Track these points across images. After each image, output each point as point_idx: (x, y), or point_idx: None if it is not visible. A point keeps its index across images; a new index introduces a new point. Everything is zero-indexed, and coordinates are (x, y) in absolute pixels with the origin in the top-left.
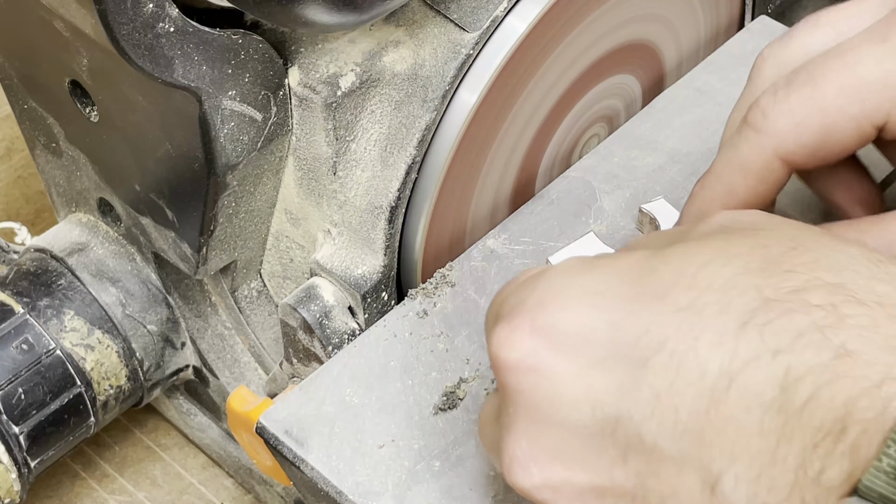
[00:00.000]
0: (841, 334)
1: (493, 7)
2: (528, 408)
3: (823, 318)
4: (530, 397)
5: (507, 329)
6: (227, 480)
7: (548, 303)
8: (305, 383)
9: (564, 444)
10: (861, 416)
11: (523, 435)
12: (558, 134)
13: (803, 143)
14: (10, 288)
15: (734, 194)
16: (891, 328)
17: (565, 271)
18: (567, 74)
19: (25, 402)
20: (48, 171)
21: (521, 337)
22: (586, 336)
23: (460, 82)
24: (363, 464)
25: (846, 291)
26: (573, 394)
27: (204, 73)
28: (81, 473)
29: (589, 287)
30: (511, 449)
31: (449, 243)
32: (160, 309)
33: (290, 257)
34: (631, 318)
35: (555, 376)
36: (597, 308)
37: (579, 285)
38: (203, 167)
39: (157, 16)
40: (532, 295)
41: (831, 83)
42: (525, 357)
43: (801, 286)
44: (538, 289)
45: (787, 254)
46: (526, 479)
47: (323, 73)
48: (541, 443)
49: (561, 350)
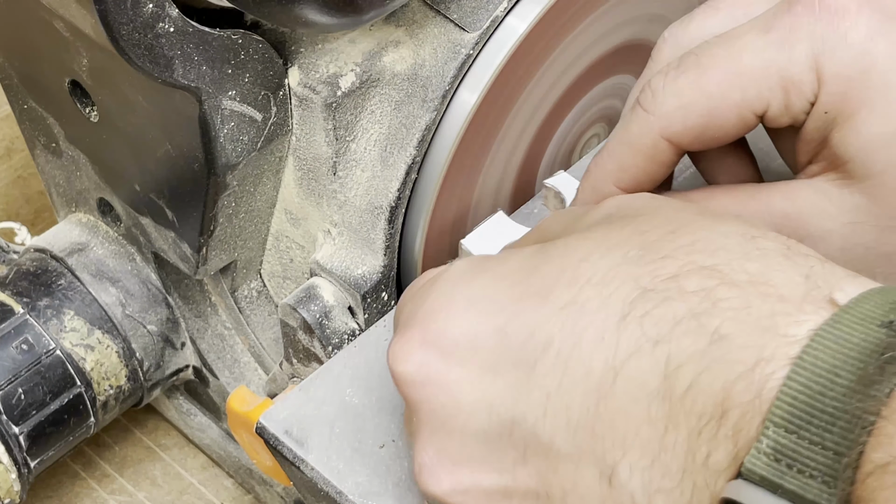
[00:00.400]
0: (715, 319)
1: (493, 7)
2: (429, 417)
3: (699, 304)
4: (429, 407)
5: (400, 342)
6: (227, 480)
7: (436, 312)
8: (305, 383)
9: (468, 450)
10: (739, 400)
11: (429, 443)
12: (558, 134)
13: (689, 126)
14: (9, 288)
15: (625, 171)
16: (763, 307)
17: (454, 278)
18: (567, 74)
19: (25, 403)
20: (48, 171)
21: (413, 349)
22: (475, 343)
23: (460, 82)
24: (363, 464)
25: (719, 274)
26: (469, 400)
27: (204, 73)
28: (81, 473)
29: (476, 293)
30: (419, 457)
31: (449, 243)
32: (160, 309)
33: (290, 257)
34: (516, 321)
35: (449, 385)
36: (484, 313)
37: (466, 292)
38: (203, 167)
39: (157, 16)
40: (422, 305)
41: (716, 69)
42: (419, 369)
43: (677, 272)
44: (428, 298)
45: (664, 238)
46: (435, 485)
47: (323, 73)
48: (446, 450)
49: (452, 359)
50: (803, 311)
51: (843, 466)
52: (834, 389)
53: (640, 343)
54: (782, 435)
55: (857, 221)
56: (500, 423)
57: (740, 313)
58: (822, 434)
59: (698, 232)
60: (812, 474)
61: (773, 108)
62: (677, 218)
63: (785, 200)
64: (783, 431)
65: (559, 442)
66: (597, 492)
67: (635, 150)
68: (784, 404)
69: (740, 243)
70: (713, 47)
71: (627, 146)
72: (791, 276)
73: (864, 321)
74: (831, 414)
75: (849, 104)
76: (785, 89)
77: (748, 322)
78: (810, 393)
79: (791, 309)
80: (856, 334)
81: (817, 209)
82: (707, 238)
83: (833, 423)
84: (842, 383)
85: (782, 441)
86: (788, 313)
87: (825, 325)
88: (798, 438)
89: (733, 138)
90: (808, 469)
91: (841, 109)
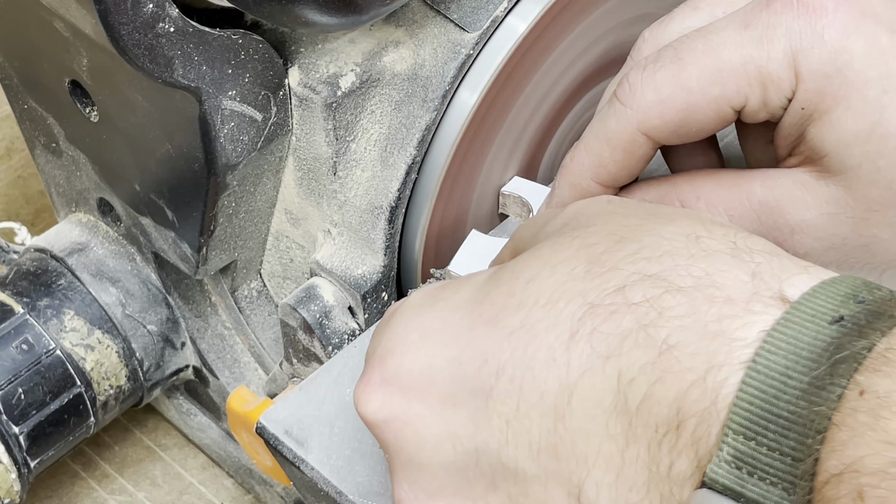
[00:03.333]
0: (663, 329)
1: (493, 7)
2: (398, 454)
3: (645, 315)
4: (395, 444)
5: (361, 384)
6: (227, 480)
7: (392, 349)
8: (305, 383)
9: (439, 482)
10: (694, 409)
11: (402, 478)
12: (558, 134)
13: (666, 120)
14: (10, 288)
15: (602, 166)
16: (710, 312)
17: (408, 312)
18: (567, 74)
19: (25, 402)
20: (48, 171)
21: (373, 389)
22: (431, 376)
23: (460, 82)
24: (363, 464)
25: (664, 281)
26: (432, 434)
27: (204, 73)
28: (81, 473)
29: (429, 325)
30: (396, 493)
31: (449, 244)
32: (160, 309)
33: (290, 257)
34: (469, 350)
35: (412, 421)
36: (438, 345)
37: (420, 325)
38: (203, 167)
39: (157, 16)
40: (380, 344)
41: (694, 63)
42: (380, 408)
43: (622, 283)
44: (384, 336)
45: (610, 249)
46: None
47: (323, 73)
48: (418, 483)
49: (411, 394)
50: (752, 311)
51: (801, 473)
52: (787, 392)
53: (591, 360)
54: (741, 442)
55: (834, 212)
56: (465, 454)
57: (687, 320)
58: (779, 440)
59: (643, 238)
60: (772, 481)
61: (751, 103)
62: (625, 225)
63: (764, 189)
64: (742, 438)
65: (524, 465)
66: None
67: (613, 145)
68: (741, 410)
69: (685, 245)
70: (692, 41)
71: (605, 141)
72: (737, 275)
73: (815, 318)
74: (786, 419)
75: (825, 101)
76: (763, 85)
77: (696, 329)
78: (765, 398)
79: (739, 311)
80: (807, 333)
81: (795, 198)
82: (651, 244)
83: (789, 428)
84: (794, 385)
85: (742, 448)
86: (736, 315)
87: (776, 326)
88: (757, 445)
89: (710, 133)
90: (768, 476)
91: (817, 105)
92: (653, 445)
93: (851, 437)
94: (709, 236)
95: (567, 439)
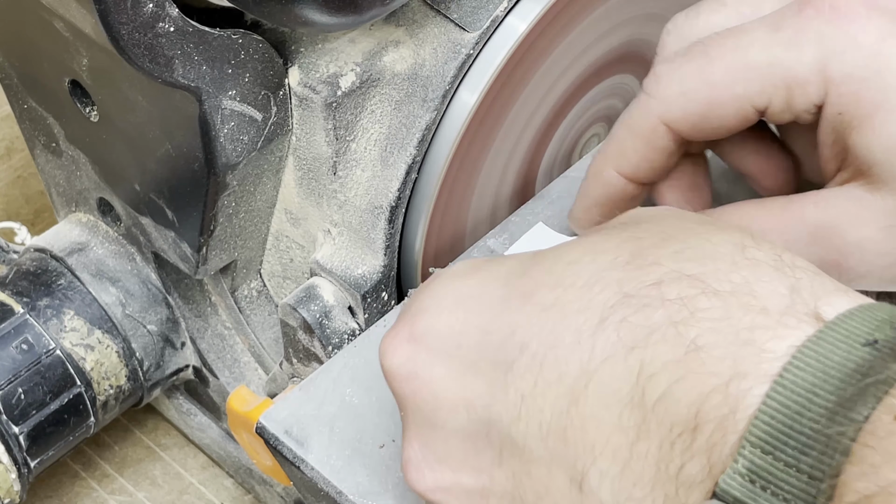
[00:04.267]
0: (694, 329)
1: (494, 7)
2: (414, 412)
3: (677, 313)
4: (413, 402)
5: (389, 337)
6: (227, 480)
7: (425, 309)
8: (305, 383)
9: (449, 447)
10: (713, 414)
11: (415, 438)
12: (558, 134)
13: (689, 112)
14: (9, 288)
15: (623, 156)
16: (743, 320)
17: (449, 277)
18: (567, 74)
19: (25, 402)
20: (48, 171)
21: (401, 344)
22: (459, 341)
23: (460, 82)
24: (363, 464)
25: (702, 283)
26: (449, 397)
27: (204, 72)
28: (81, 473)
29: (465, 291)
30: (406, 452)
31: (449, 243)
32: (160, 309)
33: (290, 257)
34: (499, 320)
35: (432, 381)
36: (470, 312)
37: (457, 290)
38: (203, 167)
39: (157, 16)
40: (415, 302)
41: (722, 59)
42: (404, 363)
43: (661, 278)
44: (421, 296)
45: (656, 245)
46: (420, 481)
47: (323, 72)
48: (430, 445)
49: (437, 355)
50: (785, 325)
51: (818, 492)
52: (812, 410)
53: (615, 348)
54: (758, 455)
55: (893, 224)
56: (478, 422)
57: (719, 324)
58: (798, 457)
59: (689, 239)
60: (785, 498)
61: (774, 105)
62: (676, 226)
63: (818, 210)
64: (759, 452)
65: (532, 444)
66: (568, 497)
67: (634, 134)
68: (762, 423)
69: (730, 252)
70: (722, 38)
71: (627, 129)
72: (776, 287)
73: (848, 339)
74: (808, 436)
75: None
76: (788, 87)
77: (726, 334)
78: (788, 413)
79: (772, 322)
80: (838, 353)
81: (851, 216)
82: (697, 246)
83: (810, 445)
84: (820, 403)
85: (758, 462)
86: (769, 327)
87: (808, 342)
88: (774, 460)
89: (730, 132)
90: (781, 492)
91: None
92: (665, 444)
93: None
94: (755, 247)
95: (578, 425)
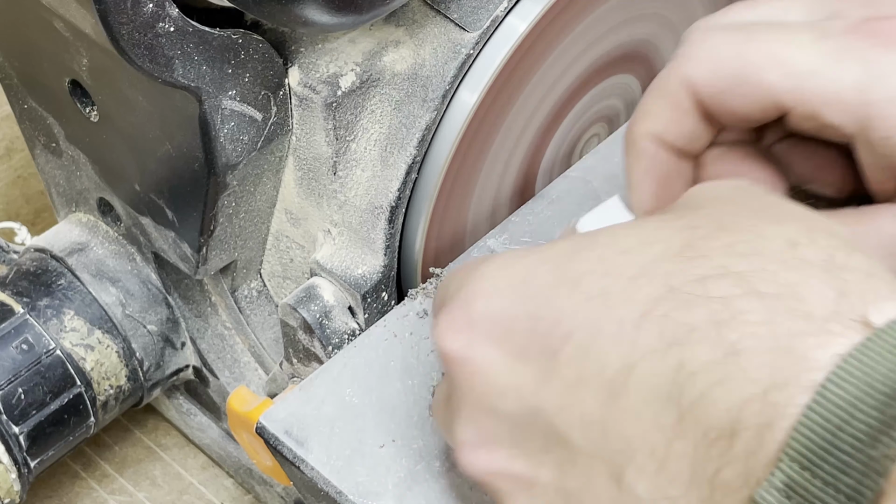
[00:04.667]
0: (735, 332)
1: (494, 7)
2: (469, 395)
3: (720, 312)
4: (469, 385)
5: (447, 320)
6: (227, 480)
7: (479, 292)
8: (305, 383)
9: (499, 431)
10: (751, 422)
11: (469, 420)
12: (558, 134)
13: (714, 78)
14: (10, 288)
15: (649, 115)
16: (785, 325)
17: (502, 258)
18: (567, 74)
19: (25, 402)
20: (48, 171)
21: (460, 328)
22: (511, 326)
23: (460, 82)
24: (363, 464)
25: (747, 282)
26: (501, 383)
27: (204, 72)
28: (81, 473)
29: (517, 275)
30: (460, 434)
31: (449, 243)
32: (160, 309)
33: (290, 257)
34: (547, 307)
35: (487, 366)
36: (522, 297)
37: (509, 274)
38: (203, 167)
39: (157, 16)
40: (469, 283)
41: (763, 43)
42: (462, 348)
43: (707, 273)
44: (474, 276)
45: (709, 235)
46: (474, 464)
47: (323, 72)
48: (485, 429)
49: (491, 341)
50: (829, 331)
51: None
52: (853, 426)
53: (655, 344)
54: (796, 471)
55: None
56: (526, 409)
57: (761, 328)
58: (837, 475)
59: (742, 233)
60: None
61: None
62: (732, 213)
63: (894, 222)
64: (797, 467)
65: (574, 436)
66: (607, 492)
67: (658, 92)
68: (801, 437)
69: (781, 249)
70: (767, 26)
71: (654, 87)
72: (823, 290)
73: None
74: (848, 454)
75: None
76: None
77: (767, 339)
78: (829, 427)
79: (815, 328)
80: (885, 364)
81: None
82: (748, 240)
83: (850, 465)
84: (862, 419)
85: (795, 477)
86: (812, 333)
87: (853, 351)
88: (812, 476)
89: (742, 121)
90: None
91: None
92: (701, 446)
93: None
94: (808, 245)
95: (617, 418)
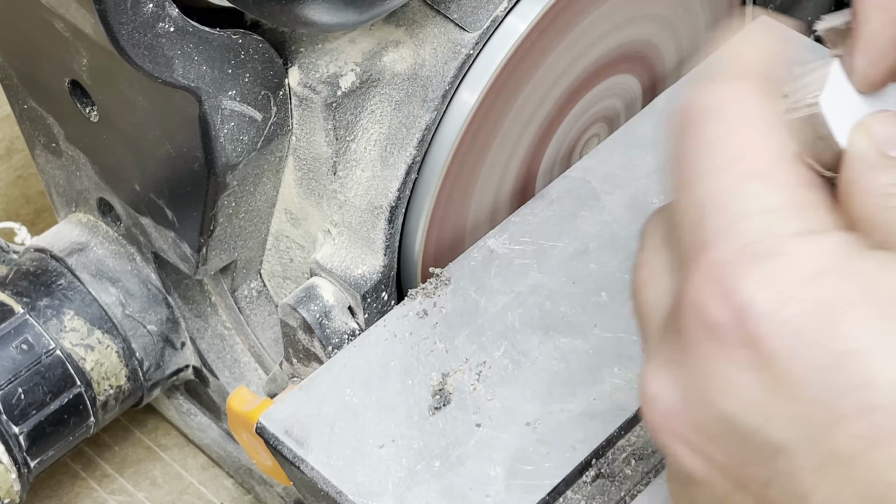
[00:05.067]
0: None
1: (494, 7)
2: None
3: None
4: None
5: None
6: (227, 480)
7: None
8: (305, 383)
9: None
10: None
11: None
12: (558, 134)
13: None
14: (9, 288)
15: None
16: None
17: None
18: (567, 74)
19: (25, 402)
20: (48, 171)
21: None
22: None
23: (460, 82)
24: (363, 464)
25: None
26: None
27: (204, 73)
28: (81, 473)
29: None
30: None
31: (449, 243)
32: (160, 309)
33: (290, 257)
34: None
35: None
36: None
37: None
38: (203, 167)
39: (157, 16)
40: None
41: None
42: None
43: None
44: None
45: None
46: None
47: (323, 72)
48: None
49: None
50: None
51: None
52: None
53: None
54: None
55: None
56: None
57: None
58: None
59: None
60: None
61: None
62: None
63: None
64: None
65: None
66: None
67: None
68: None
69: None
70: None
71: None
72: None
73: None
74: None
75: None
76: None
77: None
78: None
79: None
80: None
81: None
82: None
83: None
84: None
85: None
86: None
87: None
88: None
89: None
90: None
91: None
92: None
93: None
94: None
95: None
